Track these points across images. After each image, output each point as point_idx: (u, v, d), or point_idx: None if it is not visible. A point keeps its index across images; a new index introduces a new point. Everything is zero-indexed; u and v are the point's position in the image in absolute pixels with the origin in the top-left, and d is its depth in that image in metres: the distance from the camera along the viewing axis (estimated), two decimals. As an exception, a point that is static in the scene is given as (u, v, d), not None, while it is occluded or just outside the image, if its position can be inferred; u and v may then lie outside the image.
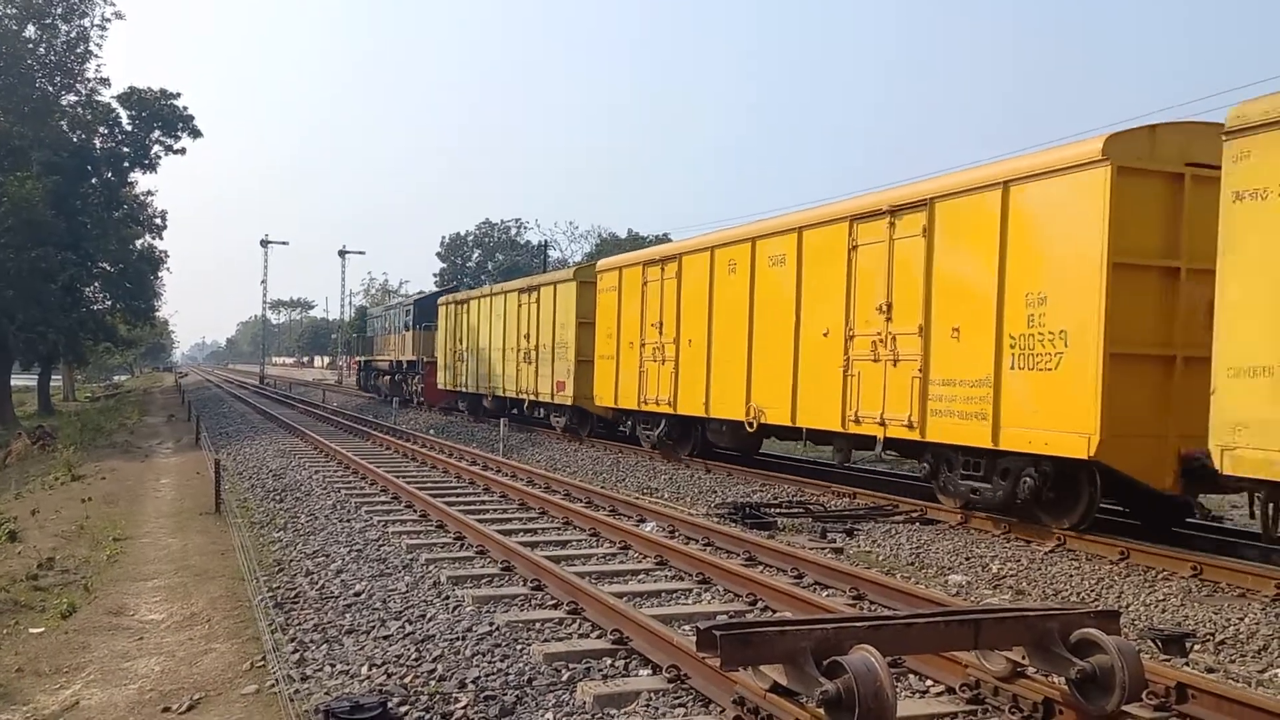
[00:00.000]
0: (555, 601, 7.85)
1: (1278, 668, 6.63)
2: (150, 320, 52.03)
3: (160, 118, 40.29)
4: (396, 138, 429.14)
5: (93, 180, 39.80)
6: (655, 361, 18.70)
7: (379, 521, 11.61)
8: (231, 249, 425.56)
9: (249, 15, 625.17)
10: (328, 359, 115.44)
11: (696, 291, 17.38)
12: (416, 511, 12.26)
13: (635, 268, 19.77)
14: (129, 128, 40.25)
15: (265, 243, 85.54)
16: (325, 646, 6.70)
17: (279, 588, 8.42)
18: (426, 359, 36.30)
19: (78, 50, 38.41)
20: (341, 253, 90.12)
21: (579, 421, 23.28)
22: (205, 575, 9.30)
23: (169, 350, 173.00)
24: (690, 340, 17.55)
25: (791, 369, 14.51)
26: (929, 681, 5.97)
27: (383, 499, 13.50)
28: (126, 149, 40.48)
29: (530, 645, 6.62)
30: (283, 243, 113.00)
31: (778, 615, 7.36)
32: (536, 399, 25.09)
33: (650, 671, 6.13)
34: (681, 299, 17.92)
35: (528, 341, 25.56)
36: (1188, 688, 5.40)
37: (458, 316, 32.30)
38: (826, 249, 13.87)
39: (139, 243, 44.52)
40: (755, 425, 15.47)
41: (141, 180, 43.28)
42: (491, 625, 7.09)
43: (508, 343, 27.29)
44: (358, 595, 8.10)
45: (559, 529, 11.44)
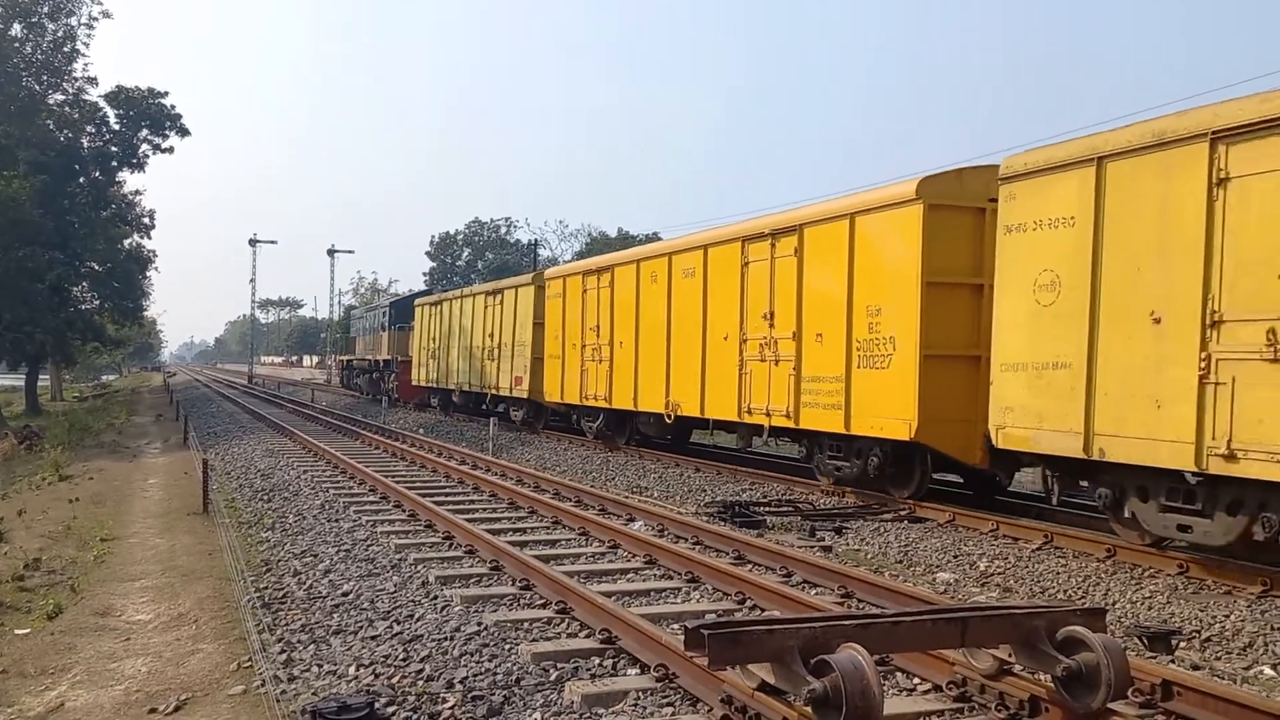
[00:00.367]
0: (544, 601, 7.85)
1: (1263, 665, 6.66)
2: (138, 320, 51.78)
3: (148, 117, 40.17)
4: (386, 137, 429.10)
5: (80, 179, 39.69)
6: (594, 361, 20.80)
7: (367, 521, 11.59)
8: (220, 248, 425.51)
9: (241, 17, 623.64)
10: (317, 358, 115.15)
11: (626, 300, 19.51)
12: (405, 511, 12.24)
13: (576, 277, 21.99)
14: (117, 127, 40.16)
15: (254, 242, 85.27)
16: (313, 647, 6.69)
17: (266, 588, 8.40)
18: (401, 358, 38.02)
19: (65, 49, 38.29)
20: (330, 252, 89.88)
21: (534, 414, 25.20)
22: (193, 575, 9.27)
23: (157, 350, 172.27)
24: (621, 342, 19.63)
25: (700, 368, 16.65)
26: (916, 679, 5.98)
27: (371, 498, 13.48)
28: (114, 148, 40.35)
29: (518, 645, 6.62)
30: (271, 242, 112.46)
31: (766, 614, 7.37)
32: (498, 393, 26.95)
33: (639, 671, 6.13)
34: (614, 306, 20.01)
35: (491, 340, 27.43)
36: (1173, 685, 5.42)
37: (432, 317, 33.93)
38: (725, 264, 16.00)
39: (127, 242, 44.41)
40: (673, 417, 17.75)
41: (130, 179, 43.20)
42: (480, 625, 7.08)
43: (475, 341, 28.90)
44: (345, 595, 8.08)
45: (548, 528, 11.44)
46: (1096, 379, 9.61)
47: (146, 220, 45.06)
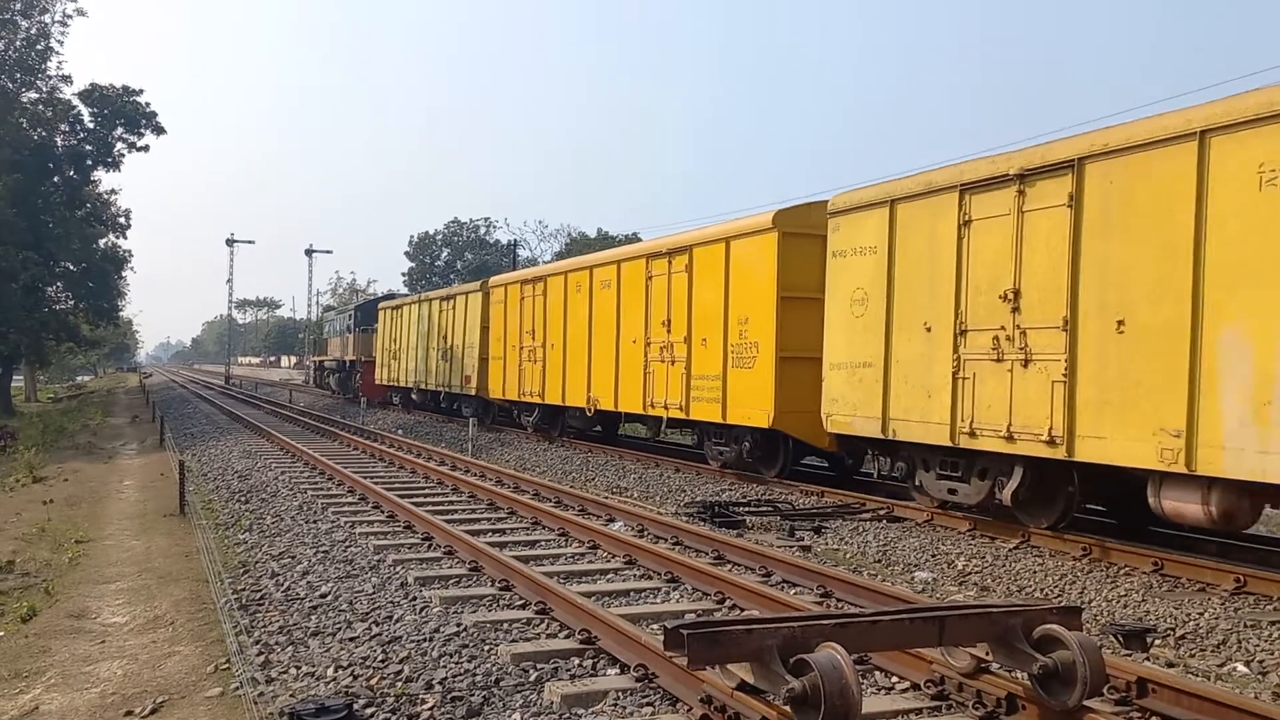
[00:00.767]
0: (523, 601, 7.84)
1: (1236, 661, 6.73)
2: (114, 320, 51.28)
3: (123, 115, 39.71)
4: (364, 137, 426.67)
5: (54, 179, 39.22)
6: (530, 361, 23.21)
7: (346, 523, 11.53)
8: (197, 248, 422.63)
9: (218, 15, 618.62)
10: (295, 359, 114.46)
11: (556, 307, 21.89)
12: (384, 512, 12.19)
13: (516, 285, 24.48)
14: (91, 125, 39.67)
15: (231, 241, 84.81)
16: (290, 649, 6.65)
17: (244, 590, 8.35)
18: (365, 358, 40.40)
19: (38, 47, 37.85)
20: (308, 252, 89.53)
21: (483, 410, 27.22)
22: (169, 578, 9.20)
23: (133, 350, 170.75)
24: (553, 345, 21.96)
25: (615, 367, 19.00)
26: (894, 678, 6.01)
27: (350, 500, 13.42)
28: (89, 147, 39.87)
29: (498, 646, 6.61)
30: (249, 241, 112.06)
31: (745, 613, 7.39)
32: (450, 390, 29.62)
33: (618, 671, 6.13)
34: (547, 312, 22.40)
35: (445, 342, 29.87)
36: (1148, 682, 5.47)
37: (393, 320, 36.38)
38: (635, 278, 18.41)
39: (102, 242, 43.96)
40: (593, 410, 20.05)
41: (105, 179, 42.93)
42: (459, 626, 7.06)
43: (431, 343, 31.25)
44: (324, 597, 8.04)
45: (528, 529, 11.42)
46: (890, 375, 12.08)
47: (122, 220, 44.62)
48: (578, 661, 6.31)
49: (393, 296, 44.98)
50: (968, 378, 10.88)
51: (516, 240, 77.30)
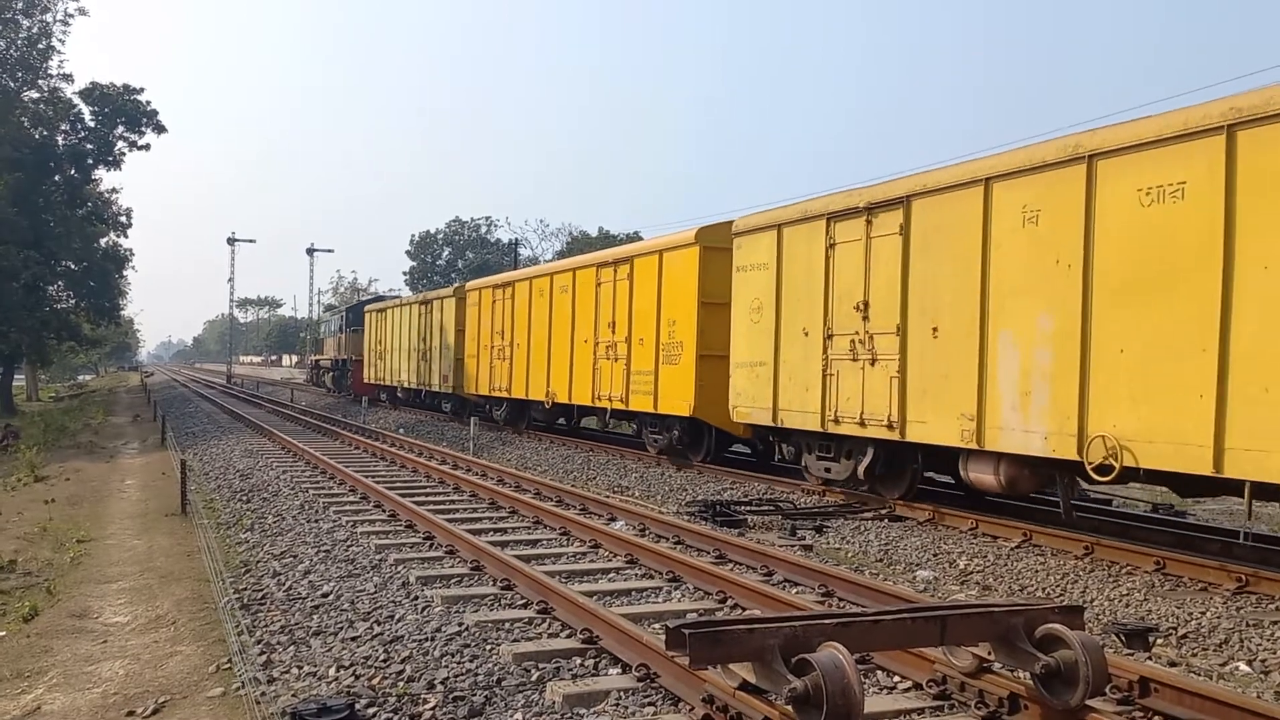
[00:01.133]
0: (525, 601, 7.83)
1: (1238, 661, 6.73)
2: (115, 319, 51.31)
3: (124, 113, 39.70)
4: (367, 137, 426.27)
5: (55, 177, 39.22)
6: (500, 360, 25.40)
7: (347, 522, 11.53)
8: (199, 248, 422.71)
9: (221, 15, 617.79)
10: (296, 358, 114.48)
11: (522, 310, 24.04)
12: (385, 511, 12.20)
13: (488, 290, 26.83)
14: (92, 124, 39.68)
15: (232, 240, 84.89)
16: (292, 648, 6.65)
17: (245, 589, 8.35)
18: (355, 357, 42.88)
19: (39, 46, 37.84)
20: (310, 250, 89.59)
21: (460, 406, 29.20)
22: (171, 577, 9.21)
23: (134, 350, 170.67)
24: (519, 344, 24.11)
25: (569, 364, 21.12)
26: (896, 678, 6.01)
27: (351, 499, 13.42)
28: (90, 145, 39.86)
29: (500, 645, 6.60)
30: (250, 240, 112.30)
31: (747, 613, 7.38)
32: (429, 388, 31.75)
33: (620, 670, 6.13)
34: (514, 315, 24.55)
35: (424, 343, 31.95)
36: (1150, 681, 5.47)
37: (378, 322, 38.48)
38: (587, 284, 20.54)
39: (103, 241, 43.98)
40: (551, 403, 22.30)
41: (106, 178, 42.88)
42: (461, 625, 7.06)
43: (412, 344, 33.41)
44: (325, 596, 8.04)
45: (529, 528, 11.42)
46: (779, 372, 14.10)
47: (123, 219, 44.63)
48: (579, 661, 6.31)
49: (382, 299, 46.47)
50: (834, 374, 13.06)
51: (518, 239, 77.35)
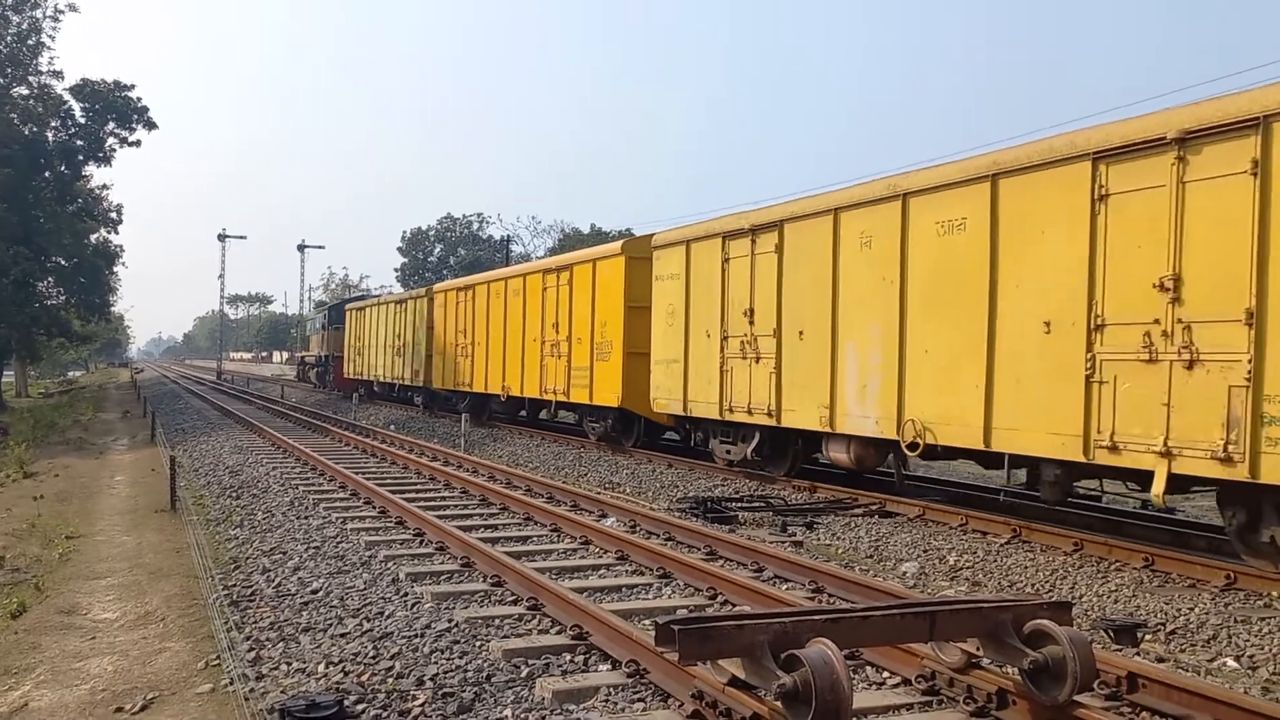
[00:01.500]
0: (515, 597, 7.83)
1: (1226, 657, 6.75)
2: (105, 315, 51.10)
3: (114, 110, 39.55)
4: (362, 136, 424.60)
5: (46, 174, 39.02)
6: (463, 356, 27.49)
7: (337, 518, 11.51)
8: (190, 245, 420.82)
9: (214, 10, 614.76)
10: (286, 354, 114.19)
11: (482, 310, 26.26)
12: (375, 508, 12.17)
13: (454, 292, 29.16)
14: (82, 120, 39.49)
15: (223, 237, 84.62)
16: (281, 645, 6.64)
17: (235, 585, 8.33)
18: (336, 354, 44.96)
19: (29, 42, 37.66)
20: (301, 247, 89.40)
21: (430, 399, 31.09)
22: (160, 573, 9.18)
23: (125, 346, 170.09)
24: (479, 342, 26.26)
25: (521, 361, 23.33)
26: (885, 673, 6.02)
27: (341, 495, 13.39)
28: (80, 141, 39.70)
29: (489, 642, 6.60)
30: (240, 237, 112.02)
31: (737, 609, 7.39)
32: (403, 383, 33.68)
33: (610, 667, 6.13)
34: (474, 315, 26.76)
35: (399, 340, 33.94)
36: (1138, 677, 5.49)
37: (357, 320, 40.59)
38: (535, 288, 22.78)
39: (94, 237, 43.83)
40: (506, 397, 24.51)
41: (97, 174, 42.69)
42: (450, 622, 7.06)
43: (388, 341, 35.45)
44: (315, 593, 8.03)
45: (520, 524, 11.41)
46: (689, 368, 16.15)
47: (114, 215, 44.57)
48: (569, 657, 6.31)
49: (362, 298, 47.71)
50: (729, 370, 15.12)
51: (510, 236, 77.28)
